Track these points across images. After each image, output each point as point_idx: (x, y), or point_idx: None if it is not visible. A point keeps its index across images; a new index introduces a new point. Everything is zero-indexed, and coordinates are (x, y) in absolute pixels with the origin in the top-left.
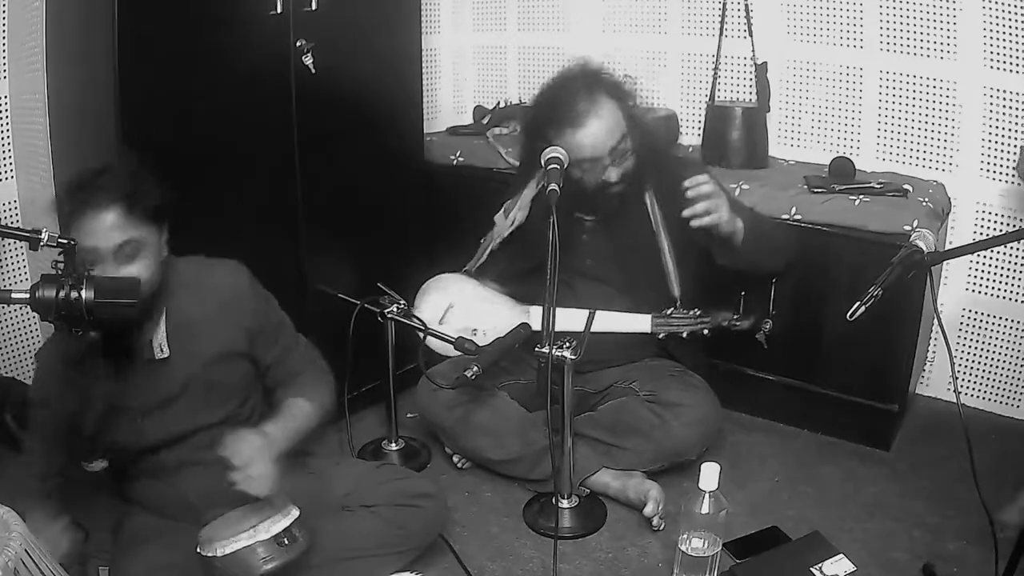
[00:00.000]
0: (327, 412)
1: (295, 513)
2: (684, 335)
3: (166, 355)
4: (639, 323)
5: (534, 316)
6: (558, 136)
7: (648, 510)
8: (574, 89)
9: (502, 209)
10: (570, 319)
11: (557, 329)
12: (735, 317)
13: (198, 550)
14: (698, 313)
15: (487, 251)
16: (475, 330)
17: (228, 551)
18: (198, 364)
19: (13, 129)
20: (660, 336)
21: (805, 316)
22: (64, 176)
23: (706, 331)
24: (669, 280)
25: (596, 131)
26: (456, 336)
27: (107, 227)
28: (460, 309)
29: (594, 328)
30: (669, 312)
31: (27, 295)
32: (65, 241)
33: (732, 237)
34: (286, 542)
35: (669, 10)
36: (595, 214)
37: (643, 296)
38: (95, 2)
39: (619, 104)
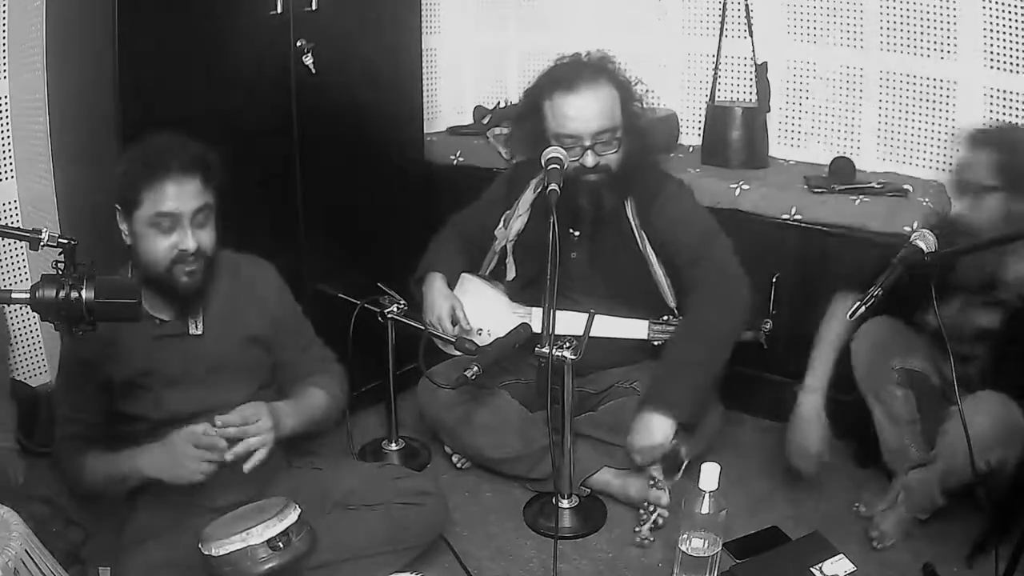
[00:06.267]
0: (340, 407)
1: (293, 517)
2: None
3: (199, 332)
4: (636, 329)
5: (535, 318)
6: (550, 97)
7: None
8: (583, 63)
9: (501, 221)
10: (569, 322)
11: (556, 332)
12: None
13: (198, 546)
14: None
15: (492, 262)
16: (479, 330)
17: (222, 552)
18: (227, 345)
19: (13, 129)
20: (656, 344)
21: (805, 316)
22: (65, 176)
23: None
24: (663, 291)
25: (587, 104)
26: (456, 336)
27: (190, 192)
28: (466, 309)
29: (592, 333)
30: (666, 319)
31: (27, 295)
32: (65, 241)
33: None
34: (281, 546)
35: (669, 10)
36: (574, 219)
37: (630, 315)
38: (95, 2)
39: (620, 96)
